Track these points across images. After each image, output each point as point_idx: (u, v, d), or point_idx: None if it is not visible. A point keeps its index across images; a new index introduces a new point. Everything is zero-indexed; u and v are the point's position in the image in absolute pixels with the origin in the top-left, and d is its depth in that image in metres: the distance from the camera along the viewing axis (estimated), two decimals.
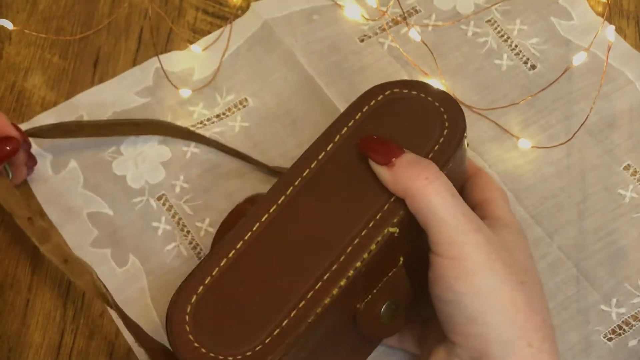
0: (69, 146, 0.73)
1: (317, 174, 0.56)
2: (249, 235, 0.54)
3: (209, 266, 0.54)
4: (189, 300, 0.53)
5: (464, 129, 0.56)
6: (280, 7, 0.81)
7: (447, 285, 0.52)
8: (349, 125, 0.58)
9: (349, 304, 0.55)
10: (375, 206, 0.54)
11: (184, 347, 0.51)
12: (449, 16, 0.80)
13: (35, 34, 0.79)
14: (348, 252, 0.53)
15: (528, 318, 0.51)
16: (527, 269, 0.54)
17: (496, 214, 0.57)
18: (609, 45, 0.70)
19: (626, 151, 0.72)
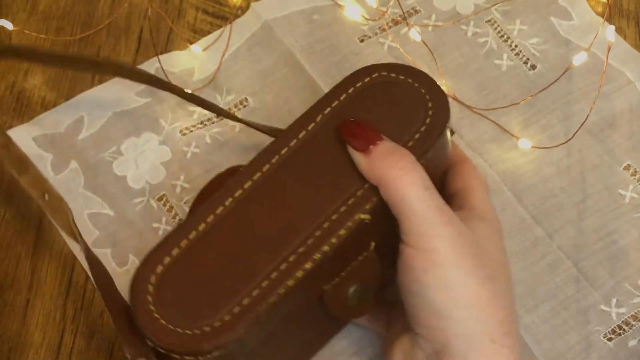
0: (69, 147, 0.73)
1: (295, 153, 0.56)
2: (221, 210, 0.54)
3: (178, 237, 0.54)
4: (154, 270, 0.53)
5: (447, 118, 0.56)
6: (280, 7, 0.81)
7: (414, 277, 0.52)
8: (332, 106, 0.57)
9: (315, 286, 0.55)
10: (349, 191, 0.54)
11: (144, 317, 0.51)
12: (449, 16, 0.80)
13: (35, 34, 0.79)
14: (317, 236, 0.53)
15: (492, 313, 0.52)
16: (497, 263, 0.54)
17: (473, 204, 0.57)
18: (609, 45, 0.70)
19: (626, 151, 0.72)
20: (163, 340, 0.50)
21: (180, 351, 0.51)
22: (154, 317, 0.51)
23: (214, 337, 0.50)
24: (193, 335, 0.50)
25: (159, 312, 0.51)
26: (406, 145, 0.55)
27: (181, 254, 0.53)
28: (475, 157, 0.72)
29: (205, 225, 0.54)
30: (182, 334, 0.50)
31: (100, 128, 0.74)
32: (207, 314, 0.51)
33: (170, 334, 0.50)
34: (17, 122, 0.75)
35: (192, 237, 0.53)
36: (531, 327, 0.65)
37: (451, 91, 0.75)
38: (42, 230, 0.70)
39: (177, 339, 0.50)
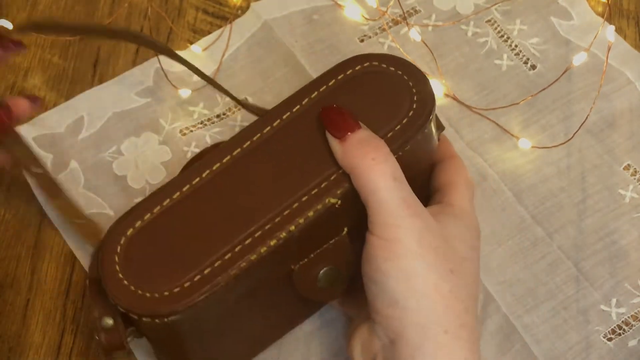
0: (69, 147, 0.73)
1: (276, 133, 0.57)
2: (197, 180, 0.56)
3: (152, 203, 0.55)
4: (125, 232, 0.54)
5: (430, 113, 0.57)
6: (280, 7, 0.81)
7: (376, 265, 0.53)
8: (320, 90, 0.58)
9: (282, 264, 0.56)
10: (323, 175, 0.55)
11: (108, 276, 0.53)
12: (449, 16, 0.80)
13: (35, 34, 0.79)
14: (285, 215, 0.54)
15: (448, 305, 0.52)
16: (462, 259, 0.55)
17: (451, 200, 0.58)
18: (609, 45, 0.70)
19: (626, 151, 0.72)
20: (122, 299, 0.52)
21: (138, 312, 0.52)
22: (118, 277, 0.53)
23: (171, 302, 0.52)
24: (152, 298, 0.52)
25: (123, 272, 0.53)
26: (385, 135, 0.56)
27: (153, 220, 0.55)
28: (475, 157, 0.72)
29: (180, 194, 0.55)
30: (142, 296, 0.52)
31: (100, 128, 0.75)
32: (168, 279, 0.53)
33: (130, 295, 0.52)
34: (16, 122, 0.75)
35: (166, 204, 0.55)
36: (531, 327, 0.65)
37: (451, 91, 0.75)
38: (42, 230, 0.70)
39: (136, 300, 0.52)
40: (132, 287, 0.52)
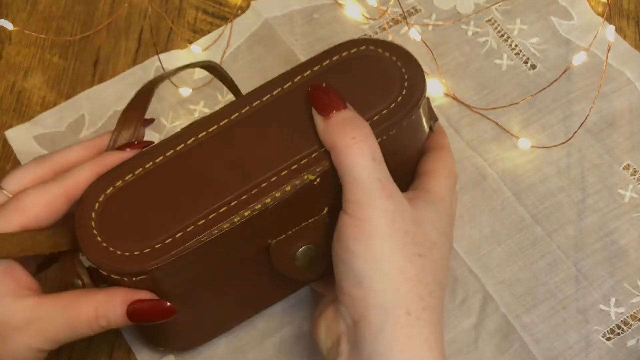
0: None
1: (265, 107, 0.58)
2: (181, 147, 0.57)
3: (135, 164, 0.57)
4: (104, 190, 0.56)
5: (418, 101, 0.57)
6: (281, 6, 0.81)
7: (345, 244, 0.54)
8: (313, 70, 0.59)
9: (258, 238, 0.57)
10: (304, 151, 0.56)
11: (82, 230, 0.54)
12: (449, 16, 0.80)
13: (35, 34, 0.80)
14: (262, 187, 0.55)
15: (412, 288, 0.53)
16: (432, 244, 0.55)
17: (428, 186, 0.59)
18: (609, 45, 0.70)
19: (626, 151, 0.73)
20: (93, 254, 0.54)
21: (106, 269, 0.54)
22: (91, 232, 0.54)
23: (140, 262, 0.53)
24: (122, 256, 0.53)
25: (97, 228, 0.54)
26: (371, 118, 0.57)
27: (133, 181, 0.56)
28: (475, 156, 0.73)
29: (162, 158, 0.57)
30: (112, 253, 0.53)
31: (101, 127, 0.75)
32: (140, 239, 0.54)
33: (101, 251, 0.53)
34: (17, 122, 0.76)
35: (148, 166, 0.57)
36: (530, 327, 0.65)
37: (451, 91, 0.76)
38: None
39: (106, 256, 0.53)
40: (104, 243, 0.54)
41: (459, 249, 0.69)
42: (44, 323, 0.54)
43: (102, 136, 0.59)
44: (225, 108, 0.58)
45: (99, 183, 0.56)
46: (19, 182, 0.57)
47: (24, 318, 0.54)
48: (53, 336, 0.55)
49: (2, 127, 0.75)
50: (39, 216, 0.55)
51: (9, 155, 0.74)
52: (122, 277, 0.54)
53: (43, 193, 0.55)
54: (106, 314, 0.54)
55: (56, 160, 0.58)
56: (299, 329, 0.66)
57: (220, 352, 0.65)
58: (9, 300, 0.54)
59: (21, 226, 0.55)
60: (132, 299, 0.54)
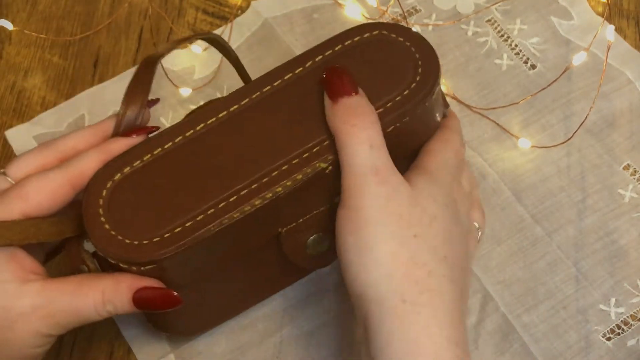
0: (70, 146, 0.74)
1: (276, 93, 0.57)
2: (190, 133, 0.56)
3: (143, 151, 0.56)
4: (112, 177, 0.55)
5: (432, 88, 0.57)
6: (281, 6, 0.82)
7: (340, 240, 0.53)
8: (325, 54, 0.58)
9: (269, 226, 0.57)
10: (316, 139, 0.55)
11: (90, 217, 0.54)
12: (449, 16, 0.81)
13: (35, 34, 0.80)
14: (273, 175, 0.54)
15: (407, 272, 0.51)
16: (431, 219, 0.54)
17: (427, 162, 0.57)
18: (609, 45, 0.70)
19: (626, 151, 0.73)
20: (101, 243, 0.53)
21: (115, 257, 0.53)
22: (100, 220, 0.53)
23: (149, 251, 0.52)
24: (131, 244, 0.53)
25: (105, 215, 0.53)
26: (385, 105, 0.56)
27: (142, 167, 0.55)
28: (475, 156, 0.73)
29: (172, 144, 0.56)
30: (121, 242, 0.53)
31: None
32: (149, 227, 0.53)
33: (110, 239, 0.53)
34: (17, 122, 0.76)
35: (156, 152, 0.56)
36: (530, 326, 0.66)
37: (451, 90, 0.76)
38: None
39: (114, 245, 0.53)
40: (113, 231, 0.53)
41: None
42: (51, 307, 0.54)
43: (107, 120, 0.58)
44: (235, 93, 0.57)
45: (106, 170, 0.55)
46: (22, 168, 0.56)
47: (31, 302, 0.54)
48: (60, 320, 0.54)
49: (2, 127, 0.76)
50: (42, 204, 0.54)
51: (9, 155, 0.74)
52: (130, 266, 0.53)
53: (46, 180, 0.55)
54: (112, 299, 0.54)
55: (61, 147, 0.57)
56: (299, 329, 0.66)
57: (220, 351, 0.65)
58: (15, 285, 0.54)
59: (22, 214, 0.54)
60: (138, 286, 0.54)
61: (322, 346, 0.65)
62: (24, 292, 0.54)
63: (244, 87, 0.58)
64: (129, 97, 0.58)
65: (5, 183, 0.56)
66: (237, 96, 0.57)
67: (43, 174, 0.55)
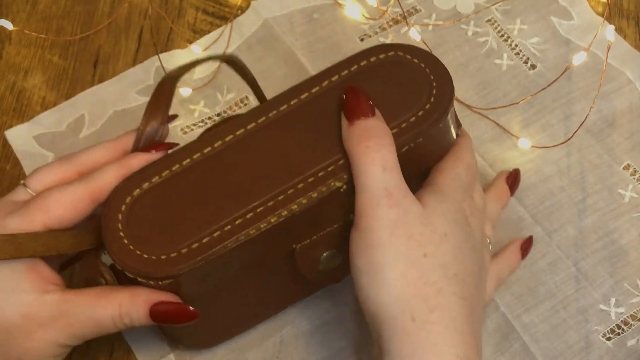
0: (70, 145, 0.74)
1: (292, 112, 0.58)
2: (208, 150, 0.57)
3: (162, 166, 0.57)
4: (131, 192, 0.56)
5: (446, 109, 0.57)
6: (281, 6, 0.82)
7: (353, 263, 0.54)
8: (341, 74, 0.59)
9: (283, 242, 0.57)
10: (331, 158, 0.56)
11: (109, 232, 0.55)
12: (449, 16, 0.81)
13: (35, 34, 0.80)
14: (289, 193, 0.55)
15: (416, 292, 0.52)
16: (442, 236, 0.54)
17: (437, 179, 0.58)
18: (609, 45, 0.70)
19: (626, 151, 0.73)
20: (120, 257, 0.54)
21: (133, 272, 0.54)
22: (118, 235, 0.54)
23: (167, 266, 0.53)
24: (149, 259, 0.54)
25: (124, 230, 0.54)
26: (399, 126, 0.57)
27: (160, 183, 0.56)
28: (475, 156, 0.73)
29: (189, 160, 0.57)
30: (139, 256, 0.54)
31: (101, 127, 0.76)
32: (167, 243, 0.54)
33: (128, 254, 0.54)
34: (17, 122, 0.76)
35: (175, 169, 0.57)
36: (530, 326, 0.66)
37: None
38: None
39: (133, 260, 0.54)
40: (131, 246, 0.54)
41: None
42: (69, 319, 0.55)
43: (127, 135, 0.60)
44: (253, 111, 0.58)
45: (125, 184, 0.56)
46: (42, 180, 0.58)
47: (50, 313, 0.55)
48: (77, 332, 0.55)
49: (2, 127, 0.76)
50: (63, 216, 0.56)
51: (9, 155, 0.75)
52: (148, 281, 0.54)
53: (67, 194, 0.56)
54: (130, 312, 0.55)
55: (81, 161, 0.59)
56: (298, 329, 0.66)
57: (220, 352, 0.66)
58: (35, 295, 0.54)
59: (44, 225, 0.55)
60: (155, 300, 0.55)
61: (322, 346, 0.66)
62: (44, 302, 0.55)
63: (261, 105, 0.59)
64: (149, 113, 0.59)
65: (26, 194, 0.57)
66: (254, 114, 0.58)
67: (64, 187, 0.56)
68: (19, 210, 0.55)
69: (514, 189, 0.69)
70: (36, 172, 0.58)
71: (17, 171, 0.74)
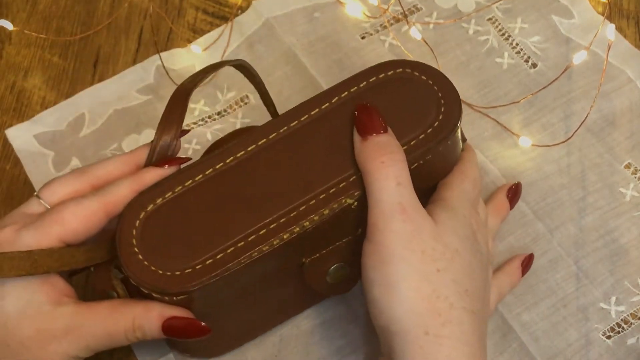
0: (70, 144, 0.75)
1: (303, 128, 0.59)
2: (220, 165, 0.58)
3: (175, 182, 0.58)
4: (145, 207, 0.57)
5: (455, 126, 0.59)
6: (282, 5, 0.82)
7: (365, 275, 0.55)
8: (350, 91, 0.60)
9: (294, 257, 0.58)
10: (343, 175, 0.57)
11: (124, 247, 0.55)
12: (450, 14, 0.81)
13: (35, 34, 0.81)
14: (301, 210, 0.56)
15: (430, 306, 0.53)
16: (454, 252, 0.56)
17: (444, 195, 0.60)
18: (609, 44, 0.71)
19: (627, 150, 0.74)
20: (135, 273, 0.55)
21: (148, 288, 0.55)
22: (133, 251, 0.55)
23: (182, 282, 0.54)
24: (163, 275, 0.54)
25: (138, 246, 0.55)
26: (408, 143, 0.58)
27: (174, 198, 0.57)
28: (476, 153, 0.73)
29: (202, 176, 0.58)
30: (154, 272, 0.55)
31: (101, 125, 0.76)
32: (181, 259, 0.55)
33: (143, 270, 0.55)
34: (17, 122, 0.77)
35: (187, 184, 0.58)
36: (530, 325, 0.66)
37: None
38: None
39: (148, 276, 0.54)
40: (146, 262, 0.55)
41: None
42: (83, 331, 0.56)
43: (140, 149, 0.60)
44: (264, 127, 0.59)
45: (139, 200, 0.57)
46: (56, 193, 0.58)
47: (64, 325, 0.55)
48: (90, 344, 0.56)
49: (2, 127, 0.77)
50: (78, 230, 0.56)
51: (9, 154, 0.75)
52: (163, 296, 0.55)
53: (82, 207, 0.56)
54: (143, 326, 0.56)
55: (95, 174, 0.59)
56: (298, 328, 0.67)
57: None
58: (49, 307, 0.55)
59: (59, 239, 0.56)
60: (168, 315, 0.56)
61: (322, 345, 0.66)
62: (58, 314, 0.56)
63: (272, 121, 0.60)
64: (162, 127, 0.60)
65: (40, 207, 0.58)
66: (265, 130, 0.59)
67: (79, 200, 0.57)
68: (34, 224, 0.56)
69: (513, 202, 0.70)
70: (50, 184, 0.59)
71: (17, 170, 0.74)
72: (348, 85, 0.61)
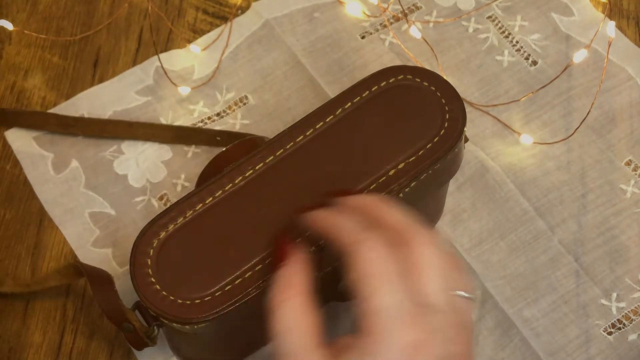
0: (70, 146, 0.76)
1: (308, 143, 0.59)
2: (230, 186, 0.58)
3: (185, 207, 0.58)
4: (158, 235, 0.57)
5: (461, 133, 0.59)
6: (282, 6, 0.83)
7: None
8: (353, 102, 0.61)
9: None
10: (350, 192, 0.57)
11: (140, 278, 0.55)
12: (450, 12, 0.82)
13: (35, 34, 0.81)
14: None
15: None
16: None
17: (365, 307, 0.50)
18: (610, 41, 0.71)
19: (627, 147, 0.75)
20: (154, 304, 0.55)
21: (169, 318, 0.55)
22: (149, 281, 0.55)
23: (203, 310, 0.54)
24: (183, 304, 0.55)
25: (154, 276, 0.55)
26: (417, 153, 0.58)
27: (186, 224, 0.57)
28: (477, 150, 0.75)
29: (212, 199, 0.58)
30: (173, 302, 0.55)
31: None
32: (199, 286, 0.55)
33: (162, 300, 0.55)
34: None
35: (199, 208, 0.58)
36: (531, 321, 0.67)
37: None
38: (42, 230, 0.72)
39: (168, 306, 0.55)
40: (164, 292, 0.55)
41: (459, 246, 0.70)
42: None
43: None
44: (271, 144, 0.59)
45: (151, 227, 0.57)
46: None
47: None
48: None
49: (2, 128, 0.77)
50: None
51: (9, 155, 0.76)
52: (184, 325, 0.55)
53: None
54: None
55: None
56: None
57: None
58: None
59: None
60: None
61: None
62: None
63: (277, 137, 0.60)
64: None
65: None
66: (272, 147, 0.59)
67: None
68: None
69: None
70: None
71: (17, 171, 0.75)
72: (350, 96, 0.61)
